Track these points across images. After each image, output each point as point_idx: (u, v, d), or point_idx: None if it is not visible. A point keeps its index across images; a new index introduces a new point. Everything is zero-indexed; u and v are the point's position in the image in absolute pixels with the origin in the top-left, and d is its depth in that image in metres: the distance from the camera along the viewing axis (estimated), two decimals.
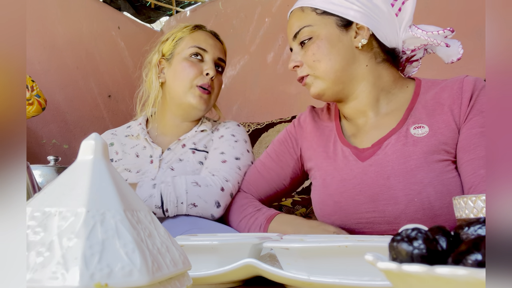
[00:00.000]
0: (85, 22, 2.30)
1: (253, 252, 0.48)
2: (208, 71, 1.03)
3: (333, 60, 0.81)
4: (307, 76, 0.84)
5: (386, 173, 0.76)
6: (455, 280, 0.21)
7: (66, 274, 0.23)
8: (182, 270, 0.30)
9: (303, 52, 0.84)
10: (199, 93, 1.03)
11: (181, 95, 1.04)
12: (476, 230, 0.26)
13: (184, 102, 1.05)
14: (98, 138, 0.30)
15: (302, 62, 0.84)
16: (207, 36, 1.09)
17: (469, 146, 0.73)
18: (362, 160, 0.81)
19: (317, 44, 0.81)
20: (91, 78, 2.26)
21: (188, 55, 1.05)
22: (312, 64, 0.82)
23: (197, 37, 1.07)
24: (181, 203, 0.88)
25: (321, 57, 0.81)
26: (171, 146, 1.06)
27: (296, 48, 0.86)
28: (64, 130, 2.10)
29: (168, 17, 2.96)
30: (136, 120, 1.15)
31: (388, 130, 0.81)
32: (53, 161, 1.26)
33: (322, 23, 0.82)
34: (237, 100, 2.55)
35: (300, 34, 0.84)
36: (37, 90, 1.63)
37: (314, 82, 0.83)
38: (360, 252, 0.36)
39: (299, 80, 0.86)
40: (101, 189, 0.28)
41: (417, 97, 0.82)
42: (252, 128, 2.05)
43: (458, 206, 0.49)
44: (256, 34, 2.52)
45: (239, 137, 1.06)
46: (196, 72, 1.03)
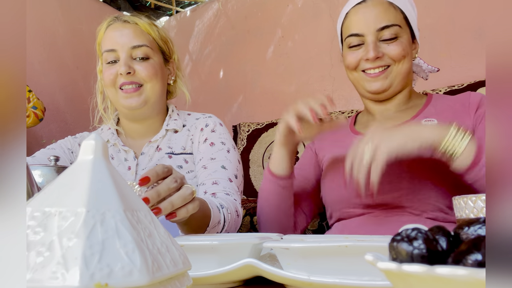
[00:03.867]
0: (85, 22, 2.30)
1: (253, 252, 0.48)
2: (120, 70, 0.95)
3: (408, 64, 0.88)
4: (389, 67, 0.87)
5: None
6: (455, 280, 0.21)
7: (66, 274, 0.23)
8: (182, 270, 0.30)
9: (386, 46, 0.86)
10: (123, 94, 0.97)
11: (114, 100, 1.01)
12: (476, 230, 0.26)
13: (120, 105, 1.00)
14: (98, 138, 0.30)
15: (383, 54, 0.87)
16: (114, 29, 0.99)
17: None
18: None
19: (404, 44, 0.87)
20: (90, 78, 2.25)
21: (105, 61, 1.00)
22: (400, 58, 0.86)
23: (106, 38, 1.00)
24: (226, 230, 0.84)
25: (404, 59, 0.87)
26: (144, 149, 1.02)
27: (375, 41, 0.86)
28: (64, 130, 2.11)
29: (168, 17, 2.96)
30: (106, 125, 1.11)
31: (401, 121, 0.90)
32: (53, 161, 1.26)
33: (405, 29, 0.89)
34: (237, 100, 2.55)
35: (389, 30, 0.86)
36: (34, 101, 1.61)
37: (390, 75, 0.88)
38: (360, 252, 0.36)
39: (376, 71, 0.87)
40: (101, 189, 0.28)
41: (429, 102, 0.92)
42: (252, 128, 2.05)
43: (458, 206, 0.49)
44: (256, 34, 2.52)
45: (229, 145, 1.00)
46: (113, 75, 0.97)
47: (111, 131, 1.07)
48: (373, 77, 0.87)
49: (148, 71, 0.97)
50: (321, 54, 2.25)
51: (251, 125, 2.07)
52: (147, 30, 1.00)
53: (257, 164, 1.88)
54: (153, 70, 0.98)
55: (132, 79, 0.96)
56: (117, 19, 1.01)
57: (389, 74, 0.87)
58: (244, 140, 2.03)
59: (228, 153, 0.98)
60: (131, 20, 1.00)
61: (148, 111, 1.01)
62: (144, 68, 0.97)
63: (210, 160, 0.96)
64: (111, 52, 0.97)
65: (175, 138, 1.03)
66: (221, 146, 0.99)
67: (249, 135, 2.02)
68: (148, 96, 0.98)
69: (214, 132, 1.02)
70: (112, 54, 0.97)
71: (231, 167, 0.96)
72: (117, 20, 1.00)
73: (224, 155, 0.97)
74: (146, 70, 0.97)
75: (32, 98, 1.61)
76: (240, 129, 2.11)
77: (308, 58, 2.30)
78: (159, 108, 1.04)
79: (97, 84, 1.09)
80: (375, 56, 0.85)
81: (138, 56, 0.97)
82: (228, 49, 2.65)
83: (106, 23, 1.01)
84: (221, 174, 0.93)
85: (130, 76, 0.95)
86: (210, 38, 2.74)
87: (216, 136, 1.01)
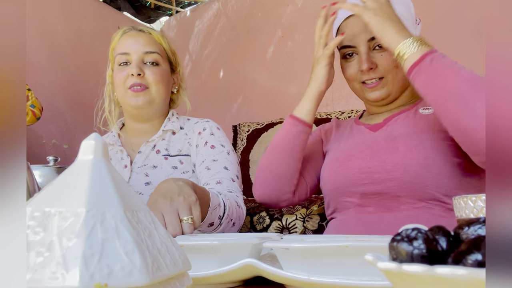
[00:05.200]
0: (85, 22, 2.30)
1: (253, 252, 0.48)
2: (132, 71, 1.04)
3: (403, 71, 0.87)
4: (383, 79, 0.88)
5: (394, 135, 0.87)
6: (455, 280, 0.21)
7: (66, 274, 0.23)
8: (182, 270, 0.30)
9: (380, 56, 0.87)
10: (132, 93, 1.05)
11: (123, 100, 1.08)
12: (476, 230, 0.26)
13: (127, 105, 1.08)
14: (98, 138, 0.30)
15: (377, 65, 0.87)
16: (129, 36, 1.09)
17: None
18: (374, 131, 0.92)
19: None
20: (91, 78, 2.26)
21: (117, 63, 1.08)
22: (392, 69, 0.87)
23: (120, 43, 1.09)
24: (231, 219, 0.92)
25: (397, 68, 0.86)
26: (141, 148, 1.09)
27: (367, 51, 0.87)
28: (64, 130, 2.11)
29: (168, 17, 2.96)
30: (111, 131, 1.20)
31: (400, 110, 0.92)
32: (52, 161, 1.26)
33: None
34: (237, 100, 2.55)
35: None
36: (32, 99, 1.63)
37: (386, 85, 0.89)
38: (360, 252, 0.36)
39: (372, 82, 0.88)
40: (101, 189, 0.28)
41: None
42: (252, 128, 2.05)
43: (458, 206, 0.49)
44: (256, 34, 2.52)
45: (228, 148, 1.08)
46: (125, 75, 1.05)
47: (113, 134, 1.16)
48: (370, 87, 0.89)
49: (156, 76, 1.06)
50: None
51: (251, 125, 2.07)
52: (159, 40, 1.11)
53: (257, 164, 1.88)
54: (161, 75, 1.07)
55: (141, 81, 1.04)
56: (132, 28, 1.11)
57: (385, 85, 0.88)
58: (244, 140, 2.03)
59: (228, 155, 1.06)
60: (145, 29, 1.11)
61: (152, 111, 1.10)
62: (152, 73, 1.06)
63: (213, 161, 1.04)
64: (124, 55, 1.06)
65: (173, 140, 1.11)
66: (221, 148, 1.07)
67: (249, 135, 2.01)
68: (153, 98, 1.07)
69: (213, 135, 1.09)
70: (125, 56, 1.06)
71: (232, 168, 1.04)
72: (133, 29, 1.11)
73: (225, 157, 1.05)
74: (154, 75, 1.06)
75: (30, 97, 1.62)
76: (240, 129, 2.11)
77: (308, 58, 2.29)
78: (162, 111, 1.13)
79: (106, 87, 1.17)
80: (369, 68, 0.86)
81: (149, 61, 1.06)
82: (228, 49, 2.65)
83: (122, 31, 1.11)
84: (224, 174, 1.01)
85: (139, 77, 1.04)
86: (210, 38, 2.74)
87: (216, 139, 1.09)
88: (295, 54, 2.36)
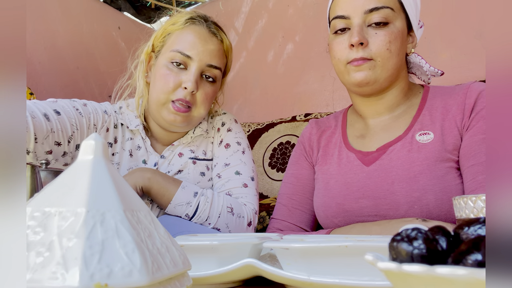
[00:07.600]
0: (85, 22, 2.30)
1: (253, 252, 0.48)
2: (186, 84, 0.87)
3: (398, 57, 0.79)
4: (370, 61, 0.77)
5: (390, 178, 0.77)
6: (455, 280, 0.21)
7: (66, 274, 0.23)
8: (182, 270, 0.30)
9: (374, 34, 0.77)
10: (173, 111, 0.88)
11: (157, 106, 0.90)
12: (476, 230, 0.26)
13: (160, 115, 0.91)
14: (98, 138, 0.30)
15: (368, 42, 0.77)
16: (199, 35, 0.90)
17: (470, 153, 0.74)
18: (366, 165, 0.82)
19: (394, 34, 0.77)
20: (91, 78, 2.26)
21: (169, 60, 0.89)
22: (384, 52, 0.77)
23: (185, 37, 0.90)
24: (209, 223, 0.87)
25: (394, 49, 0.77)
26: (165, 153, 0.97)
27: (361, 24, 0.78)
28: None
29: (168, 17, 2.96)
30: (128, 106, 0.99)
31: (395, 136, 0.82)
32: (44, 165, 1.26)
33: (399, 14, 0.79)
34: (237, 100, 2.55)
35: (378, 13, 0.77)
36: None
37: (374, 69, 0.78)
38: (360, 252, 0.36)
39: (359, 60, 0.77)
40: (101, 189, 0.28)
41: (424, 103, 0.84)
42: (252, 128, 2.05)
43: (458, 206, 0.49)
44: (256, 34, 2.52)
45: (244, 145, 1.00)
46: (174, 84, 0.88)
47: (140, 121, 0.97)
48: (356, 65, 0.78)
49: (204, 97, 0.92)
50: (321, 54, 2.24)
51: (252, 125, 2.07)
52: (225, 52, 0.99)
53: (257, 164, 1.88)
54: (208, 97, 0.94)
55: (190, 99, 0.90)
56: (203, 22, 0.95)
57: (373, 67, 0.78)
58: None
59: (243, 155, 0.98)
60: (217, 32, 0.96)
61: (184, 130, 0.99)
62: (203, 93, 0.92)
63: (224, 166, 0.96)
64: (185, 58, 0.89)
65: (196, 142, 1.01)
66: (236, 147, 0.99)
67: (249, 135, 2.02)
68: (192, 120, 0.95)
69: (230, 132, 1.01)
70: (184, 59, 0.90)
71: (246, 170, 0.96)
72: (203, 23, 0.95)
73: (238, 158, 0.97)
74: (204, 95, 0.92)
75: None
76: None
77: (308, 58, 2.29)
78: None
79: (138, 73, 0.98)
80: (359, 41, 0.76)
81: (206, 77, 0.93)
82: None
83: (187, 18, 0.94)
84: (235, 182, 0.94)
85: (191, 95, 0.89)
86: None
87: (232, 136, 1.00)
88: (295, 55, 2.36)
